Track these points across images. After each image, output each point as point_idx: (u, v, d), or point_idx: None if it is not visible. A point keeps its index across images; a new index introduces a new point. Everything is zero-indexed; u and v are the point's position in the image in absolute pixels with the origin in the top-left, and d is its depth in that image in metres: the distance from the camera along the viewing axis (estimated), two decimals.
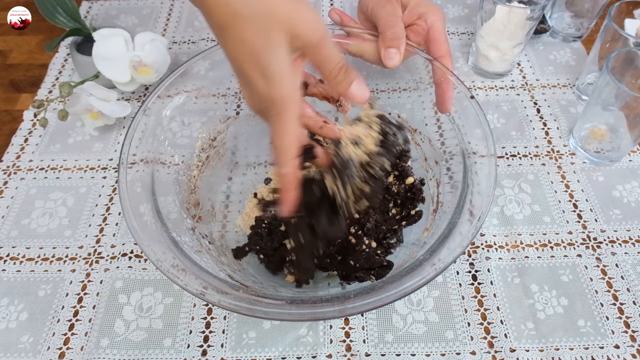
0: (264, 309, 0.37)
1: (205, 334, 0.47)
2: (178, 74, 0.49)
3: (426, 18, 0.50)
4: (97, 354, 0.46)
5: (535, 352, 0.46)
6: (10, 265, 0.52)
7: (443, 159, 0.50)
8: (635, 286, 0.49)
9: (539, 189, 0.57)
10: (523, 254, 0.52)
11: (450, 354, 0.46)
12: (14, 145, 0.62)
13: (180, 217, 0.48)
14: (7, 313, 0.48)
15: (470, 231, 0.40)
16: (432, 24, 0.50)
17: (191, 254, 0.42)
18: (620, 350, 0.46)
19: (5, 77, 0.70)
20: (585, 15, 0.69)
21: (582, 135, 0.59)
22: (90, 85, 0.58)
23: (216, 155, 0.55)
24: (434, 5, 0.51)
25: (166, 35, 0.74)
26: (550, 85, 0.67)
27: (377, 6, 0.50)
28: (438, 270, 0.38)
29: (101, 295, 0.49)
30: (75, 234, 0.54)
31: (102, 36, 0.59)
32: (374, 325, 0.47)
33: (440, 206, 0.48)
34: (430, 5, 0.50)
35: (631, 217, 0.54)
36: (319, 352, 0.46)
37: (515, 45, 0.63)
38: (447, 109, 0.48)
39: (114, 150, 0.61)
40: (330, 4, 0.79)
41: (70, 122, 0.63)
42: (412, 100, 0.56)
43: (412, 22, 0.51)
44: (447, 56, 0.49)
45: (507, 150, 0.60)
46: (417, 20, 0.50)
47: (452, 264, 0.48)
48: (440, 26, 0.50)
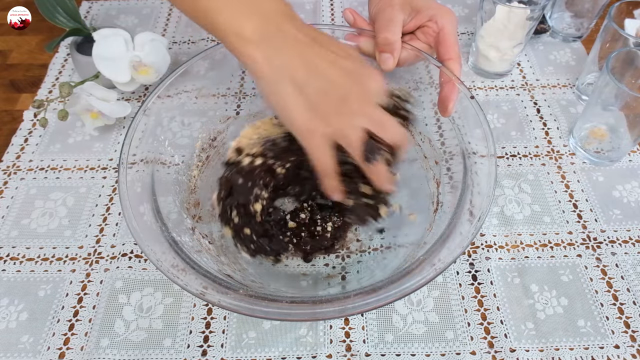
0: (264, 309, 0.37)
1: (205, 334, 0.47)
2: (178, 74, 0.49)
3: (437, 20, 0.50)
4: (97, 354, 0.46)
5: (535, 352, 0.46)
6: (10, 265, 0.52)
7: (443, 159, 0.50)
8: (635, 286, 0.49)
9: (539, 189, 0.57)
10: (523, 254, 0.52)
11: (450, 354, 0.46)
12: (14, 145, 0.62)
13: (180, 217, 0.48)
14: (7, 313, 0.48)
15: (470, 231, 0.40)
16: (443, 26, 0.50)
17: (191, 254, 0.42)
18: (620, 350, 0.46)
19: (5, 77, 0.70)
20: (585, 15, 0.69)
21: (582, 135, 0.59)
22: (90, 85, 0.58)
23: (216, 155, 0.55)
24: (447, 8, 0.51)
25: (166, 35, 0.74)
26: (550, 85, 0.67)
27: (378, 10, 0.51)
28: (438, 270, 0.38)
29: (101, 296, 0.49)
30: (75, 234, 0.54)
31: (102, 36, 0.59)
32: (374, 325, 0.47)
33: (440, 206, 0.48)
34: (442, 8, 0.51)
35: (631, 217, 0.54)
36: (319, 352, 0.46)
37: (515, 45, 0.63)
38: (449, 113, 0.48)
39: (114, 150, 0.61)
40: (331, 4, 0.79)
41: (70, 122, 0.63)
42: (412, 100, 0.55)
43: (423, 23, 0.51)
44: (456, 59, 0.49)
45: (507, 150, 0.60)
46: (428, 22, 0.51)
47: (452, 264, 0.48)
48: (450, 28, 0.50)
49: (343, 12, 0.55)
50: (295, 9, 0.78)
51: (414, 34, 0.53)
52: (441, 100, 0.48)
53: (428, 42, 0.51)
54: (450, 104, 0.47)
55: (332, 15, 0.77)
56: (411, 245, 0.47)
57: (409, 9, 0.51)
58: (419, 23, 0.51)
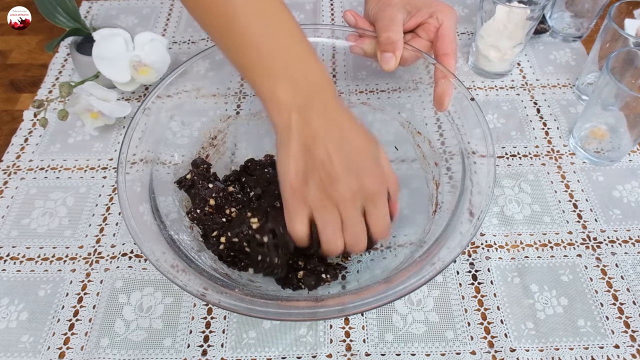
0: (263, 309, 0.37)
1: (206, 334, 0.47)
2: (178, 73, 0.49)
3: (437, 16, 0.50)
4: (97, 353, 0.46)
5: (535, 352, 0.46)
6: (10, 265, 0.52)
7: (443, 159, 0.50)
8: (635, 286, 0.49)
9: (539, 189, 0.57)
10: (523, 253, 0.52)
11: (450, 354, 0.46)
12: (14, 145, 0.62)
13: (179, 216, 0.48)
14: (7, 313, 0.48)
15: (469, 231, 0.40)
16: (443, 21, 0.50)
17: (190, 253, 0.42)
18: (620, 350, 0.46)
19: (5, 77, 0.70)
20: (585, 15, 0.69)
21: (582, 135, 0.59)
22: (90, 85, 0.58)
23: (216, 154, 0.55)
24: (447, 4, 0.51)
25: (166, 35, 0.75)
26: (550, 85, 0.67)
27: (377, 10, 0.51)
28: (438, 269, 0.38)
29: (101, 295, 0.49)
30: (75, 234, 0.54)
31: (102, 36, 0.59)
32: (374, 325, 0.47)
33: (440, 207, 0.48)
34: (442, 4, 0.51)
35: (631, 217, 0.54)
36: (319, 351, 0.46)
37: (515, 45, 0.63)
38: (444, 108, 0.48)
39: (114, 150, 0.61)
40: (331, 4, 0.79)
41: (70, 122, 0.63)
42: (412, 100, 0.56)
43: (424, 20, 0.51)
44: (452, 55, 0.49)
45: (507, 150, 0.60)
46: (429, 19, 0.51)
47: (451, 264, 0.48)
48: (449, 24, 0.50)
49: (343, 14, 0.54)
50: (296, 8, 0.77)
51: (415, 32, 0.53)
52: (437, 96, 0.48)
53: (430, 39, 0.52)
54: (446, 99, 0.47)
55: (332, 15, 0.77)
56: (411, 245, 0.47)
57: (409, 7, 0.51)
58: (419, 20, 0.51)
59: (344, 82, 0.62)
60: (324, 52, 0.64)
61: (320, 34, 0.54)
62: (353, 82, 0.62)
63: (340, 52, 0.59)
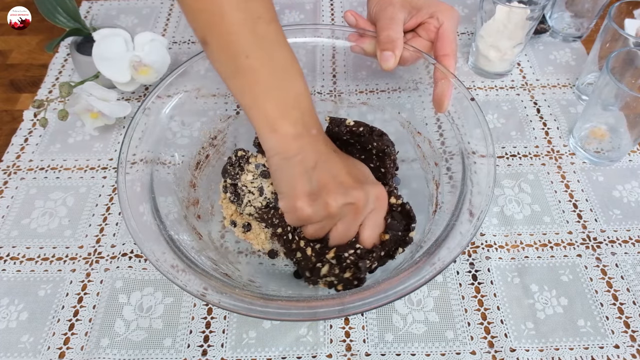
0: (263, 309, 0.37)
1: (206, 334, 0.47)
2: (178, 73, 0.49)
3: (438, 16, 0.51)
4: (97, 353, 0.46)
5: (535, 352, 0.46)
6: (10, 265, 0.52)
7: (443, 159, 0.50)
8: (635, 286, 0.49)
9: (539, 189, 0.57)
10: (523, 253, 0.52)
11: (450, 354, 0.46)
12: (14, 145, 0.62)
13: (179, 216, 0.48)
14: (7, 313, 0.48)
15: (469, 231, 0.40)
16: (443, 22, 0.50)
17: (191, 253, 0.42)
18: (620, 350, 0.46)
19: (5, 77, 0.70)
20: (585, 15, 0.69)
21: (582, 135, 0.59)
22: (90, 85, 0.58)
23: (216, 154, 0.55)
24: (448, 5, 0.51)
25: (166, 35, 0.75)
26: (550, 85, 0.67)
27: (378, 9, 0.51)
28: (438, 269, 0.38)
29: (101, 295, 0.49)
30: (75, 234, 0.54)
31: (102, 36, 0.59)
32: (374, 325, 0.47)
33: (440, 207, 0.48)
34: (443, 5, 0.51)
35: (631, 217, 0.54)
36: (319, 351, 0.46)
37: (515, 45, 0.63)
38: (443, 109, 0.48)
39: (114, 150, 0.61)
40: (330, 4, 0.79)
41: (70, 122, 0.63)
42: (412, 101, 0.56)
43: (424, 20, 0.51)
44: (451, 55, 0.49)
45: (507, 150, 0.60)
46: (429, 19, 0.51)
47: (451, 264, 0.48)
48: (449, 25, 0.50)
49: (344, 15, 0.54)
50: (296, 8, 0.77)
51: (415, 32, 0.53)
52: (436, 97, 0.48)
53: (430, 39, 0.52)
54: (446, 100, 0.47)
55: (332, 15, 0.77)
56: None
57: (410, 7, 0.51)
58: (419, 20, 0.51)
59: (344, 82, 0.62)
60: (324, 52, 0.64)
61: (320, 34, 0.54)
62: (353, 82, 0.62)
63: (340, 52, 0.59)
